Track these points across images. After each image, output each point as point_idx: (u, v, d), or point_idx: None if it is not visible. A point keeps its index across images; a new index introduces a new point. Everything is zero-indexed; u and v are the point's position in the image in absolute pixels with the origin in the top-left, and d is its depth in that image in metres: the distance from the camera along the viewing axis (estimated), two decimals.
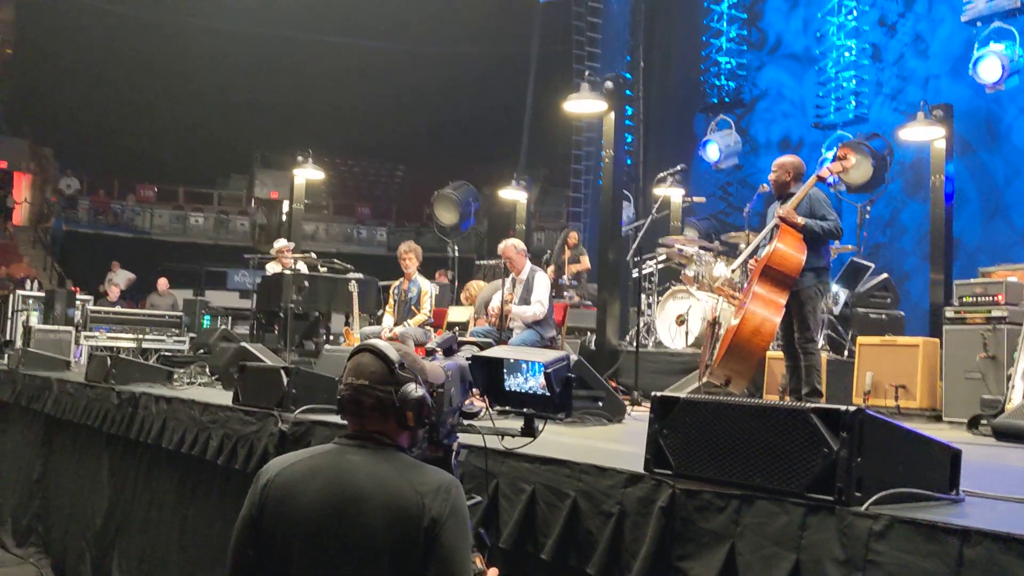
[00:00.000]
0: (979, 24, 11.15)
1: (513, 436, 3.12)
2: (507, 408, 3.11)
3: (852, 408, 2.53)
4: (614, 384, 7.52)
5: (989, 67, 10.81)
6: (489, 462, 3.52)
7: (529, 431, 3.06)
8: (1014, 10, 10.85)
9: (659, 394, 3.06)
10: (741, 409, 2.79)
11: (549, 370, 2.88)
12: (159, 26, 25.14)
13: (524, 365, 2.97)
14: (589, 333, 10.30)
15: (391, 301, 9.35)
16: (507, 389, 3.02)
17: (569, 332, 10.30)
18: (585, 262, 12.74)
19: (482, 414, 3.06)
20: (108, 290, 15.77)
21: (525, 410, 3.06)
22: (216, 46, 24.89)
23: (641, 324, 10.10)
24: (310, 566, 2.18)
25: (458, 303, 11.22)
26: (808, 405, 2.65)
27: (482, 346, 3.06)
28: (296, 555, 2.19)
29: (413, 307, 9.09)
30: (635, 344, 7.46)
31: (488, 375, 3.03)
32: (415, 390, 2.34)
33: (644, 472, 3.04)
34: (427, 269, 11.99)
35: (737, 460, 2.77)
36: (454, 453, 2.84)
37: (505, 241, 8.35)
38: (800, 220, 6.06)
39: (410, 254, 9.09)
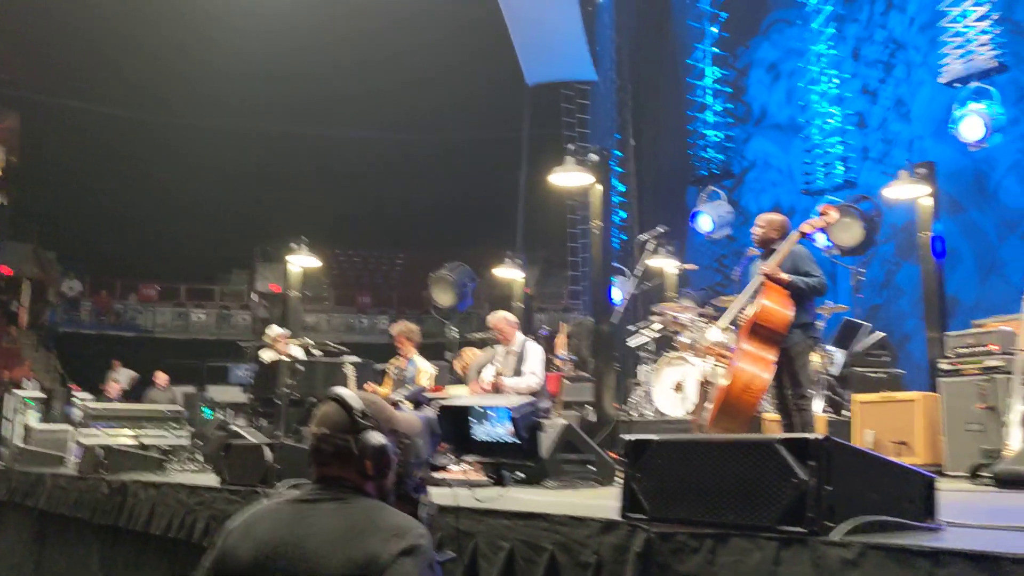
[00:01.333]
0: (957, 85, 11.33)
1: (483, 487, 3.06)
2: (476, 459, 3.06)
3: (819, 436, 2.49)
4: (613, 455, 7.43)
5: (971, 126, 10.94)
6: (466, 522, 3.46)
7: (499, 481, 3.00)
8: (990, 70, 11.04)
9: (631, 437, 3.02)
10: (710, 446, 2.75)
11: (516, 415, 2.85)
12: (157, 127, 25.69)
13: (491, 412, 2.94)
14: (587, 406, 10.21)
15: (389, 379, 9.31)
16: (474, 438, 2.98)
17: (567, 406, 10.22)
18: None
19: (450, 467, 3.02)
20: (108, 387, 15.72)
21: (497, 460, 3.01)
22: (214, 144, 25.34)
23: (638, 393, 10.05)
24: None
25: (454, 376, 11.16)
26: (775, 436, 2.61)
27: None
28: None
29: (408, 386, 9.03)
30: (625, 408, 7.36)
31: (455, 425, 2.99)
32: (374, 438, 2.31)
33: (619, 519, 2.98)
34: (430, 354, 11.97)
35: (709, 498, 2.71)
36: (424, 507, 2.79)
37: (495, 312, 8.35)
38: (785, 277, 6.06)
39: (401, 336, 9.08)
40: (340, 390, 2.44)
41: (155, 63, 24.01)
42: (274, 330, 11.36)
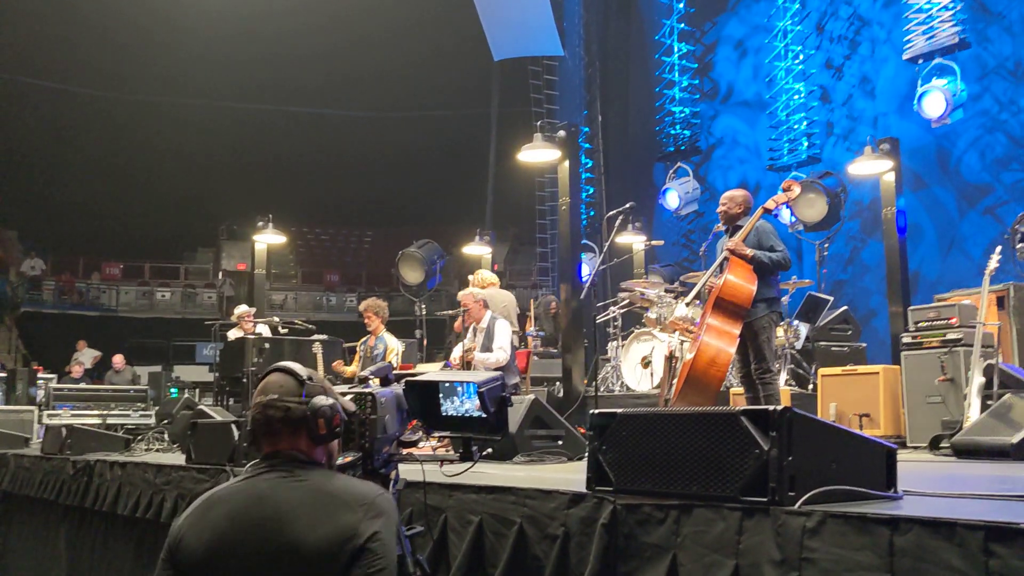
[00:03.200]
0: (921, 61, 11.44)
1: (452, 462, 3.08)
2: (445, 434, 3.07)
3: (780, 408, 2.53)
4: (582, 430, 7.48)
5: (933, 102, 11.07)
6: (436, 497, 3.48)
7: (467, 456, 3.01)
8: (953, 46, 11.16)
9: (595, 411, 3.05)
10: (674, 418, 2.78)
11: (483, 389, 2.85)
12: (120, 105, 25.29)
13: (459, 387, 2.94)
14: (557, 383, 10.26)
15: (358, 357, 9.28)
16: (444, 414, 2.99)
17: (536, 382, 10.27)
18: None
19: (421, 444, 3.03)
20: (72, 368, 15.55)
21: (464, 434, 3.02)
22: (179, 122, 25.03)
23: (607, 368, 10.12)
24: None
25: (429, 359, 11.14)
26: (738, 408, 2.64)
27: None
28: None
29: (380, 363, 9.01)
30: (594, 385, 7.41)
31: (424, 401, 2.99)
32: (324, 399, 2.31)
33: (586, 491, 3.01)
34: (399, 331, 11.93)
35: (674, 470, 2.75)
36: (392, 483, 2.80)
37: (464, 290, 8.35)
38: (748, 252, 6.11)
39: (369, 312, 9.06)
40: (281, 363, 2.43)
41: (120, 43, 23.64)
42: (241, 308, 11.28)
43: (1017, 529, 2.00)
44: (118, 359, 15.56)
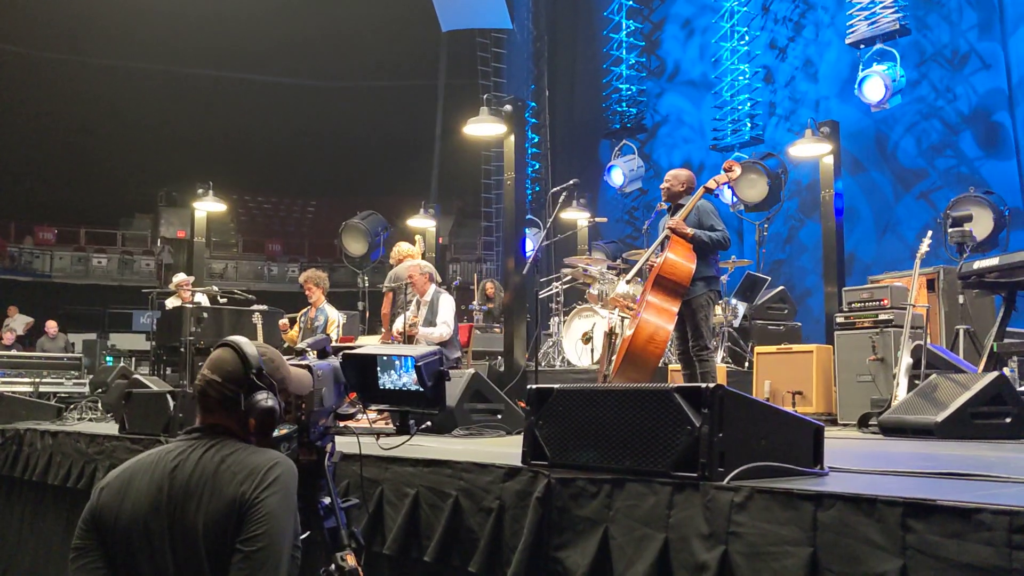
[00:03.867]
0: (862, 46, 11.62)
1: (388, 435, 3.08)
2: (382, 407, 3.07)
3: (712, 385, 2.58)
4: (522, 404, 7.53)
5: (873, 87, 11.26)
6: (373, 469, 3.48)
7: (404, 429, 3.02)
8: (894, 32, 11.35)
9: (533, 387, 3.08)
10: (610, 394, 2.82)
11: (420, 363, 2.86)
12: (56, 65, 24.50)
13: (397, 361, 2.94)
14: (499, 357, 10.30)
15: (298, 329, 9.21)
16: (381, 387, 2.99)
17: (478, 356, 10.30)
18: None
19: (358, 417, 3.03)
20: (3, 335, 15.14)
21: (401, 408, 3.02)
22: (117, 84, 24.35)
23: (549, 344, 10.19)
24: (148, 557, 2.14)
25: (371, 331, 11.08)
26: (672, 385, 2.69)
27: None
28: (135, 547, 2.15)
29: (320, 335, 8.94)
30: (534, 361, 7.46)
31: (361, 374, 2.99)
32: (265, 399, 2.29)
33: (522, 465, 3.04)
34: (341, 303, 11.84)
35: (609, 444, 2.79)
36: (328, 455, 2.79)
37: (410, 263, 8.32)
38: (689, 231, 6.18)
39: (309, 283, 8.97)
40: (238, 338, 2.41)
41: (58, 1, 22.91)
42: (179, 277, 11.10)
43: (932, 505, 2.08)
44: (51, 325, 15.21)
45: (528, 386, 3.16)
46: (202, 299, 10.45)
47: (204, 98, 25.36)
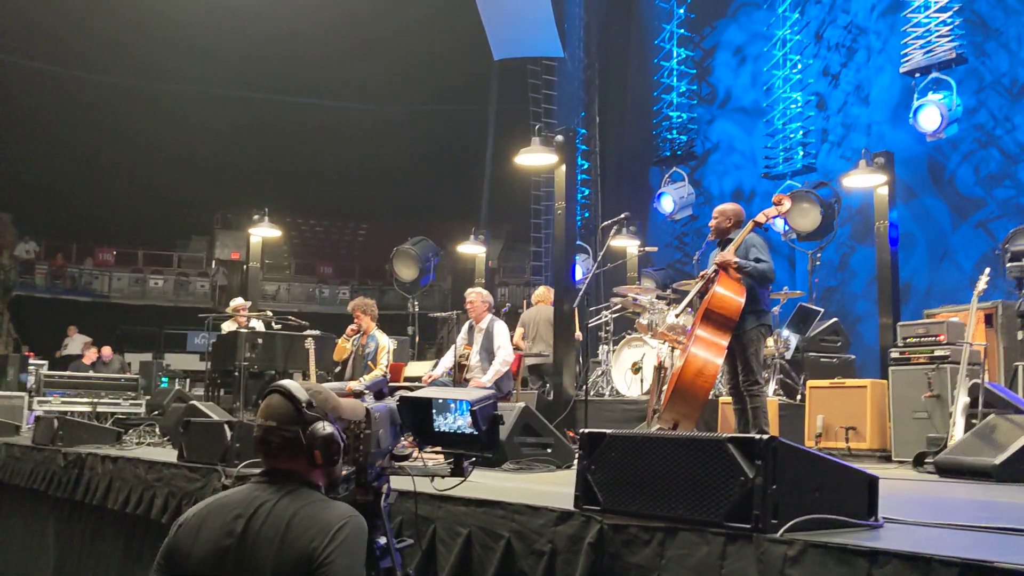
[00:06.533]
0: (917, 75, 11.50)
1: (443, 476, 3.12)
2: (438, 449, 3.12)
3: (766, 437, 2.58)
4: (571, 433, 7.54)
5: (929, 116, 11.13)
6: (426, 507, 3.53)
7: (459, 471, 3.06)
8: (950, 61, 11.22)
9: (586, 431, 3.10)
10: (663, 442, 2.84)
11: (475, 408, 2.90)
12: (119, 89, 25.20)
13: (452, 404, 2.99)
14: (547, 385, 10.31)
15: (350, 348, 9.31)
16: (437, 430, 3.03)
17: (525, 384, 10.31)
18: None
19: (413, 457, 3.07)
20: (85, 355, 15.50)
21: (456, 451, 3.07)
22: (177, 108, 24.97)
23: (597, 373, 10.18)
24: None
25: (421, 357, 11.18)
26: (725, 435, 2.70)
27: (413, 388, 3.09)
28: None
29: (370, 363, 9.05)
30: (584, 391, 7.47)
31: (417, 416, 3.04)
32: (323, 428, 2.35)
33: (574, 509, 3.06)
34: (392, 327, 11.95)
35: (661, 492, 2.80)
36: (384, 496, 2.84)
37: (473, 289, 8.45)
38: (733, 260, 6.17)
39: (357, 311, 9.07)
40: (283, 381, 2.48)
41: (121, 30, 23.58)
42: (236, 301, 11.32)
43: (991, 567, 2.06)
44: (106, 351, 15.57)
45: (580, 430, 3.19)
46: (257, 324, 10.63)
47: (260, 122, 25.89)
